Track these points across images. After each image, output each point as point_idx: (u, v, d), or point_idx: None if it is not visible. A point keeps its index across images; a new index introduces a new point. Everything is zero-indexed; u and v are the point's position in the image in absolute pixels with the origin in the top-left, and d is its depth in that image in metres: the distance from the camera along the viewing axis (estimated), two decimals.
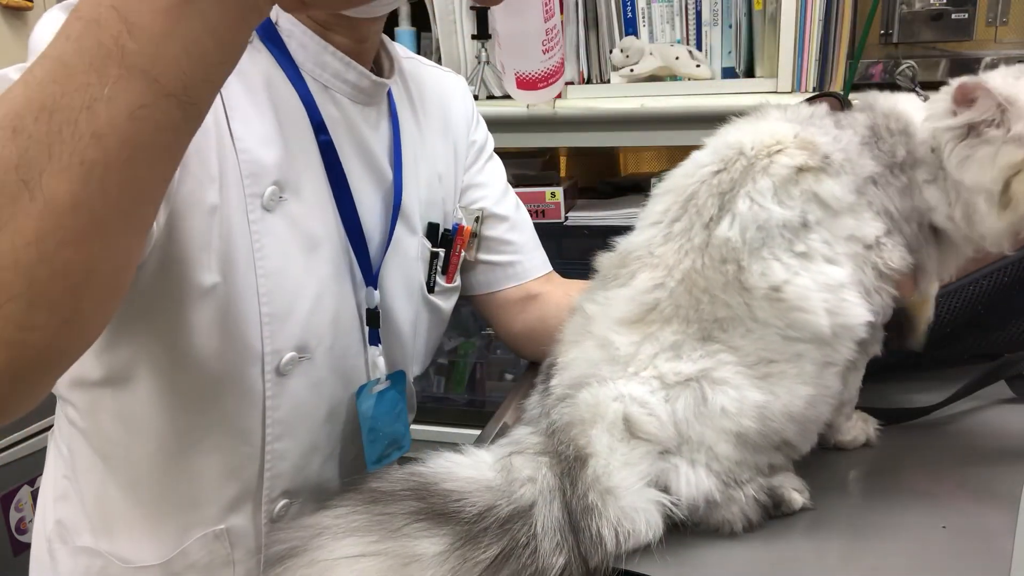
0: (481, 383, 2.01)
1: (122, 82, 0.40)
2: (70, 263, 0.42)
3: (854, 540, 0.62)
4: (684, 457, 0.62)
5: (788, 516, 0.65)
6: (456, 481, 0.60)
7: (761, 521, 0.63)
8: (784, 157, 0.64)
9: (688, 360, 0.63)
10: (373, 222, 0.81)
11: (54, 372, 0.46)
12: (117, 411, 0.74)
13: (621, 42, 1.65)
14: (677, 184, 0.68)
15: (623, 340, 0.65)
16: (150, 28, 0.40)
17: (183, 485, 0.75)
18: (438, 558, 0.54)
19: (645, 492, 0.60)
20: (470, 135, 0.96)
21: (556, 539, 0.57)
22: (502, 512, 0.57)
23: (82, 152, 0.40)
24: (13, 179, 0.40)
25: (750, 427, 0.61)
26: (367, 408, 0.82)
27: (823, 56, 1.50)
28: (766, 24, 1.57)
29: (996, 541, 0.60)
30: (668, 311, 0.64)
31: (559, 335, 0.71)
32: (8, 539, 1.63)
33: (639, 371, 0.63)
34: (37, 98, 0.40)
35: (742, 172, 0.65)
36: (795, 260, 0.62)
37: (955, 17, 1.44)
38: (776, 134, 0.66)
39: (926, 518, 0.64)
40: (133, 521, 0.76)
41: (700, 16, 1.63)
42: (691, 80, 1.61)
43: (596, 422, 0.62)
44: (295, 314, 0.74)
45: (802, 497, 0.65)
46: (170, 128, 0.43)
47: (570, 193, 1.74)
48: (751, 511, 0.63)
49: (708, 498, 0.61)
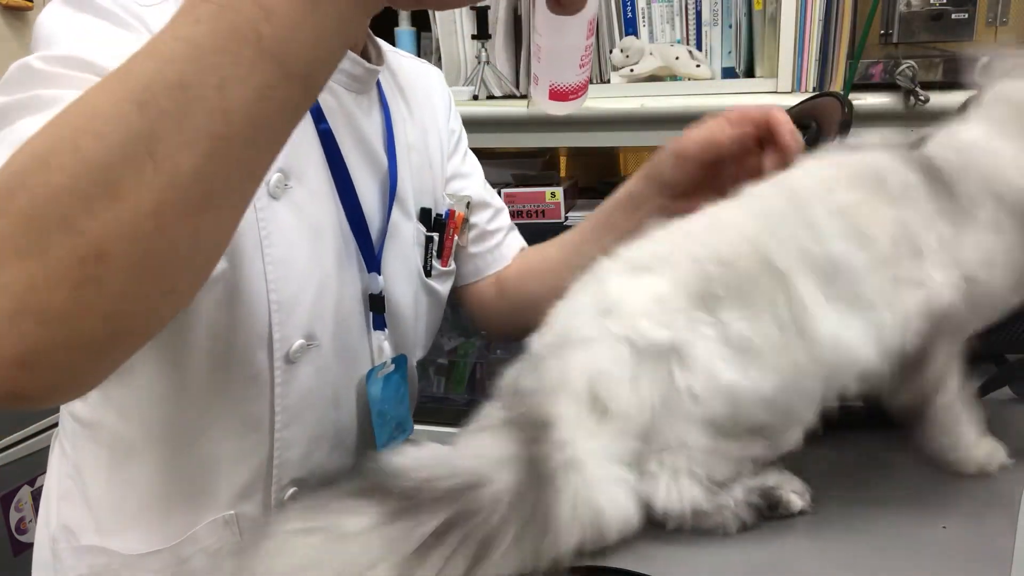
0: (481, 383, 2.02)
1: (255, 64, 0.43)
2: (182, 236, 0.43)
3: (854, 540, 0.62)
4: (665, 466, 0.60)
5: (787, 517, 0.65)
6: (404, 459, 0.57)
7: (756, 522, 0.63)
8: (843, 193, 0.63)
9: (665, 325, 0.59)
10: (372, 208, 0.82)
11: (138, 345, 0.47)
12: (124, 402, 0.74)
13: (621, 42, 1.65)
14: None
15: (617, 283, 0.63)
16: (286, 16, 0.43)
17: (192, 474, 0.76)
18: (366, 532, 0.51)
19: (611, 468, 0.58)
20: (449, 123, 0.98)
21: (506, 510, 0.53)
22: (446, 483, 0.54)
23: (210, 128, 0.42)
24: (141, 150, 0.41)
25: (719, 412, 0.59)
26: (376, 392, 0.83)
27: (823, 56, 1.50)
28: (766, 24, 1.57)
29: (996, 541, 0.60)
30: (684, 266, 0.62)
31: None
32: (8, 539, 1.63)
33: (616, 328, 0.60)
34: (168, 75, 0.41)
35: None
36: (829, 294, 0.60)
37: (955, 17, 1.44)
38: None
39: (926, 518, 0.64)
40: (141, 514, 0.77)
41: (700, 16, 1.63)
42: (691, 80, 1.61)
43: (560, 391, 0.60)
44: (302, 302, 0.75)
45: (801, 499, 0.65)
46: (291, 108, 0.46)
47: (570, 193, 1.74)
48: (744, 514, 0.62)
49: (695, 508, 0.60)
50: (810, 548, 0.62)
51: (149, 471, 0.76)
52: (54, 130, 0.42)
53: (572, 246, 0.95)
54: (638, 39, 1.64)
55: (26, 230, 0.41)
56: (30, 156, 0.42)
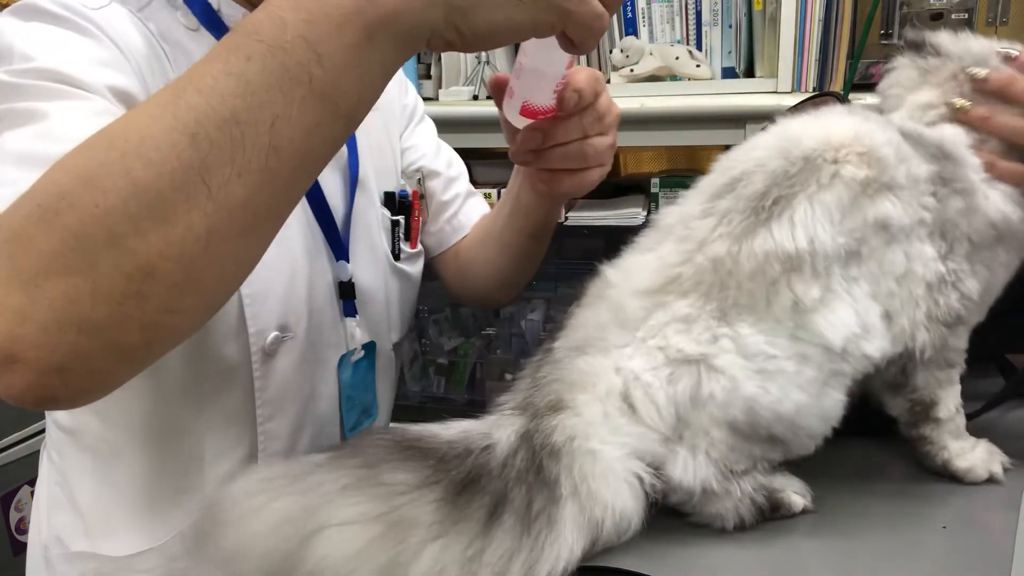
0: (481, 383, 2.02)
1: (306, 104, 0.45)
2: (227, 256, 0.47)
3: (854, 541, 0.62)
4: (685, 443, 0.62)
5: (788, 518, 0.65)
6: (424, 431, 0.60)
7: (754, 523, 0.63)
8: (851, 167, 0.63)
9: (694, 340, 0.62)
10: (335, 197, 0.83)
11: (168, 351, 0.49)
12: (102, 405, 0.74)
13: (621, 42, 1.65)
14: (728, 163, 0.67)
15: (635, 305, 0.64)
16: (337, 59, 0.46)
17: (177, 472, 0.76)
18: (407, 486, 0.55)
19: (627, 462, 0.60)
20: (402, 99, 0.98)
21: (515, 473, 0.57)
22: (469, 445, 0.58)
23: (261, 160, 0.45)
24: (194, 179, 0.44)
25: (737, 417, 0.61)
26: (346, 377, 0.84)
27: (823, 56, 1.50)
28: (766, 24, 1.57)
29: (996, 541, 0.60)
30: (688, 285, 0.63)
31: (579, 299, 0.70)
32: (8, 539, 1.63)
33: (647, 338, 0.63)
34: (220, 110, 0.44)
35: (804, 170, 0.63)
36: (831, 291, 0.62)
37: (955, 17, 1.44)
38: (838, 133, 0.64)
39: (926, 518, 0.64)
40: (129, 515, 0.77)
41: (700, 16, 1.63)
42: (691, 80, 1.61)
43: (586, 388, 0.62)
44: (274, 294, 0.76)
45: (803, 500, 0.65)
46: (334, 143, 0.49)
47: None
48: (745, 510, 0.63)
49: (705, 486, 0.61)
50: (811, 548, 0.62)
51: (134, 472, 0.76)
52: (98, 153, 0.44)
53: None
54: (638, 39, 1.65)
55: (74, 247, 0.43)
56: (76, 177, 0.44)
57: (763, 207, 0.62)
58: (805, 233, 0.61)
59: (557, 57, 0.62)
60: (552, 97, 0.67)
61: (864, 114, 0.68)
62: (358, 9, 0.46)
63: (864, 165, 0.63)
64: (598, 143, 0.72)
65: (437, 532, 0.54)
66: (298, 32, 0.45)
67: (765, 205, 0.62)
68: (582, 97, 0.67)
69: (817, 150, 0.63)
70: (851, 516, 0.65)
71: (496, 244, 0.95)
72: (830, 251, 0.61)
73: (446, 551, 0.53)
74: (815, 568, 0.60)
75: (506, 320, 2.01)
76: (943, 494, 0.67)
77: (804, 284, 0.61)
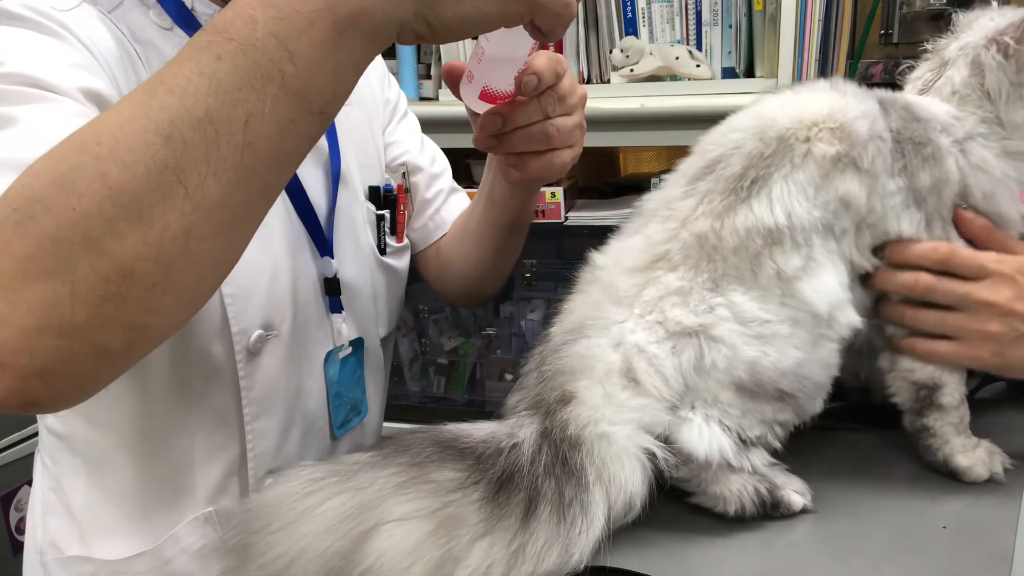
0: (481, 383, 2.02)
1: (279, 101, 0.46)
2: (206, 255, 0.47)
3: (855, 540, 0.62)
4: (698, 412, 0.63)
5: (789, 517, 0.65)
6: (455, 431, 0.62)
7: (753, 514, 0.64)
8: (822, 145, 0.64)
9: (692, 311, 0.63)
10: (317, 193, 0.83)
11: (149, 351, 0.49)
12: (90, 409, 0.75)
13: (621, 42, 1.65)
14: (706, 146, 0.69)
15: (627, 283, 0.66)
16: (308, 56, 0.46)
17: (167, 473, 0.76)
18: (456, 482, 0.57)
19: (636, 437, 0.61)
20: (384, 93, 0.98)
21: (542, 468, 0.59)
22: (499, 445, 0.60)
23: (236, 158, 0.45)
24: (169, 180, 0.44)
25: (743, 378, 0.63)
26: (333, 373, 0.84)
27: (823, 56, 1.50)
28: (766, 24, 1.57)
29: (996, 541, 0.60)
30: (677, 259, 0.65)
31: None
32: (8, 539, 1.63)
33: (645, 314, 0.64)
34: (194, 109, 0.44)
35: (778, 151, 0.65)
36: (814, 260, 0.64)
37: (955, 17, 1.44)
38: (812, 111, 0.66)
39: (926, 518, 0.64)
40: (121, 518, 0.77)
41: (700, 16, 1.63)
42: (691, 80, 1.61)
43: (586, 373, 0.63)
44: (257, 292, 0.75)
45: (803, 499, 0.65)
46: (309, 139, 0.49)
47: (570, 193, 1.74)
48: (748, 497, 0.63)
49: (721, 456, 0.62)
50: (811, 548, 0.62)
51: (125, 475, 0.76)
52: (72, 156, 0.44)
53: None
54: (638, 39, 1.64)
55: (51, 251, 0.43)
56: (50, 181, 0.44)
57: (742, 187, 0.65)
58: (783, 208, 0.64)
59: (521, 44, 0.62)
60: (511, 83, 0.67)
61: (843, 88, 0.69)
62: (328, 5, 0.46)
63: (836, 141, 0.65)
64: (562, 123, 0.71)
65: (483, 530, 0.55)
66: (268, 30, 0.45)
67: (744, 185, 0.65)
68: (541, 80, 0.67)
69: (791, 129, 0.65)
70: (851, 516, 0.65)
71: (473, 239, 0.94)
72: (807, 223, 0.64)
73: (493, 547, 0.55)
74: (815, 568, 0.60)
75: (506, 320, 2.01)
76: (943, 494, 0.67)
77: (784, 255, 0.63)
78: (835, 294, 0.64)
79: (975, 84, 0.71)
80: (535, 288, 1.96)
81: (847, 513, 0.65)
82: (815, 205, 0.64)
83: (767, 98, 0.71)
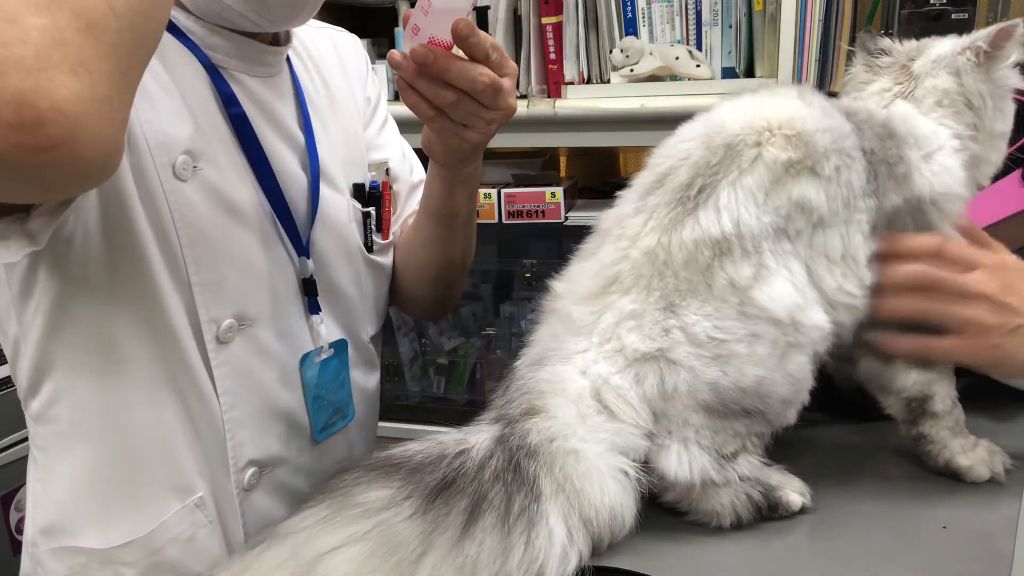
0: (481, 383, 2.02)
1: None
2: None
3: (854, 540, 0.62)
4: (675, 437, 0.62)
5: (788, 518, 0.65)
6: (405, 448, 0.62)
7: (751, 520, 0.63)
8: (773, 150, 0.64)
9: (647, 336, 0.62)
10: (297, 191, 0.82)
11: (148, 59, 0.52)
12: (72, 394, 0.75)
13: (621, 42, 1.65)
14: (657, 159, 0.69)
15: (582, 311, 0.65)
16: None
17: (151, 459, 0.76)
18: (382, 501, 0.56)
19: (610, 458, 0.61)
20: (366, 91, 0.97)
21: (491, 473, 0.59)
22: (443, 451, 0.60)
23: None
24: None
25: (707, 399, 0.62)
26: (311, 377, 0.84)
27: (823, 56, 1.50)
28: (766, 24, 1.57)
29: (996, 541, 0.60)
30: (628, 281, 0.64)
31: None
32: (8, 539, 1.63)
33: (603, 343, 0.64)
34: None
35: (726, 158, 0.64)
36: (766, 267, 0.63)
37: (955, 17, 1.44)
38: (768, 117, 0.65)
39: (926, 518, 0.64)
40: (109, 506, 0.77)
41: (700, 16, 1.63)
42: (691, 80, 1.61)
43: (556, 393, 0.63)
44: (228, 282, 0.76)
45: (802, 499, 0.65)
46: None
47: (570, 193, 1.74)
48: (742, 506, 0.63)
49: (704, 477, 0.62)
50: (810, 548, 0.62)
51: (111, 461, 0.76)
52: None
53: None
54: (638, 39, 1.64)
55: None
56: None
57: (688, 197, 0.64)
58: (730, 217, 0.62)
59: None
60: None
61: (810, 99, 0.68)
62: None
63: (789, 147, 0.64)
64: (486, 71, 0.70)
65: (423, 548, 0.54)
66: None
67: (690, 195, 0.64)
68: (474, 30, 0.67)
69: (739, 135, 0.65)
70: (851, 516, 0.65)
71: (411, 231, 0.95)
72: (756, 231, 0.63)
73: (441, 564, 0.54)
74: (815, 568, 0.60)
75: (506, 320, 2.01)
76: (943, 494, 0.67)
77: (735, 265, 0.62)
78: (791, 298, 0.63)
79: (958, 95, 0.70)
80: (535, 288, 1.96)
81: (846, 513, 0.65)
82: (765, 211, 0.63)
83: (720, 104, 0.70)
